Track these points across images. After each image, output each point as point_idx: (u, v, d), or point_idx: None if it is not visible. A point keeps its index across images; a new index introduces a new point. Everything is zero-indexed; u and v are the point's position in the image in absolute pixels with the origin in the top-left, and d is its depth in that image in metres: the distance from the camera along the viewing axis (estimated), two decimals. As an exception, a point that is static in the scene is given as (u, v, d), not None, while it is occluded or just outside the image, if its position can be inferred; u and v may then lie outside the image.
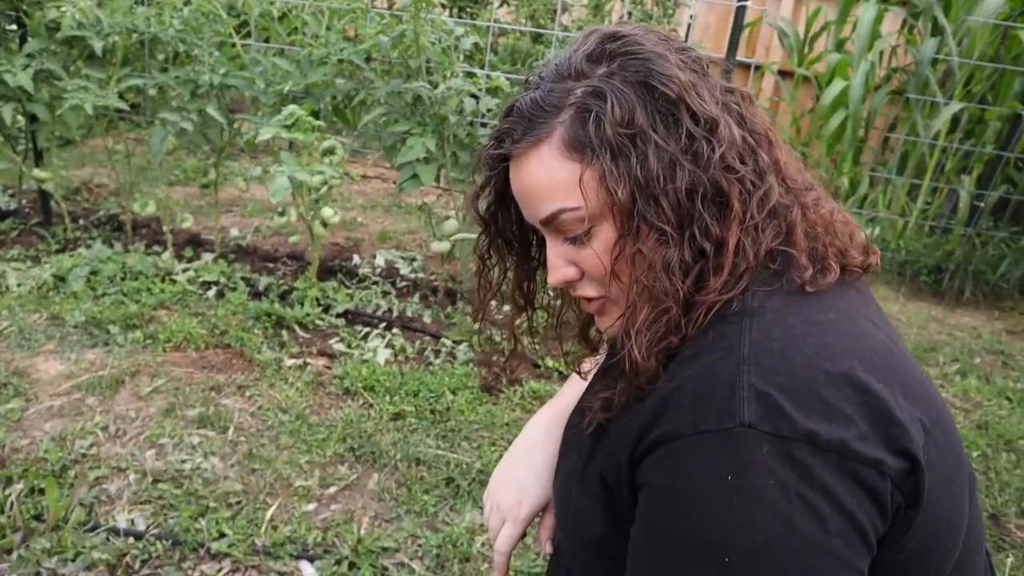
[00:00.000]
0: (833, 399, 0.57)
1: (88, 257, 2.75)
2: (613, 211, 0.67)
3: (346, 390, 2.18)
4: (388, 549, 1.62)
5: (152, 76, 2.82)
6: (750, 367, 0.59)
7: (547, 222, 0.70)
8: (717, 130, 0.66)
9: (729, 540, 0.56)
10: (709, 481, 0.57)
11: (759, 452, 0.55)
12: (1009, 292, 3.71)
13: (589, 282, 0.74)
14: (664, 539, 0.60)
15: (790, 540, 0.55)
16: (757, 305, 0.64)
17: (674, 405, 0.61)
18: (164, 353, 2.27)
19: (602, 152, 0.66)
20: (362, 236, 3.56)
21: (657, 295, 0.66)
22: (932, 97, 3.85)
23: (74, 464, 1.77)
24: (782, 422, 0.56)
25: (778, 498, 0.55)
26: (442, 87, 2.37)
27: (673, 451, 0.59)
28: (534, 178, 0.69)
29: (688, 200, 0.65)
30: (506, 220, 0.80)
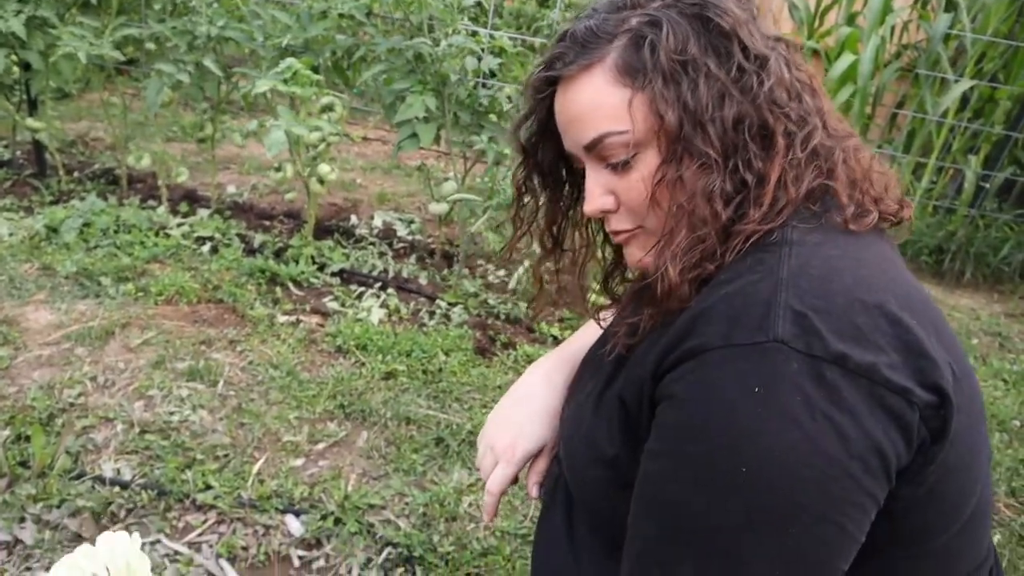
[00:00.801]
0: (866, 327, 0.58)
1: (82, 209, 2.71)
2: (660, 136, 0.68)
3: (338, 348, 2.16)
4: (375, 506, 1.62)
5: (148, 26, 2.77)
6: (788, 288, 0.59)
7: (591, 146, 0.70)
8: (767, 66, 0.68)
9: (749, 450, 0.56)
10: (736, 392, 0.57)
11: (788, 368, 0.56)
12: (1010, 275, 3.68)
13: (625, 213, 0.74)
14: (683, 448, 0.60)
15: (811, 457, 0.55)
16: (797, 238, 0.65)
17: (705, 321, 0.61)
18: (155, 306, 2.25)
19: (654, 77, 0.66)
20: (361, 197, 3.53)
21: (695, 221, 0.67)
22: (942, 74, 3.79)
23: (61, 413, 1.76)
24: (815, 342, 0.56)
25: (803, 415, 0.55)
26: (444, 44, 2.32)
27: (701, 363, 0.59)
28: (582, 101, 0.70)
29: (734, 130, 0.66)
30: (546, 152, 0.81)
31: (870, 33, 3.89)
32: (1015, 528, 1.84)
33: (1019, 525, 1.86)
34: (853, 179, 0.70)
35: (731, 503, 0.57)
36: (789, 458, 0.55)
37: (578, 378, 0.91)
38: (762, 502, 0.56)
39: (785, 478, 0.55)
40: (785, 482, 0.55)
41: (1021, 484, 2.02)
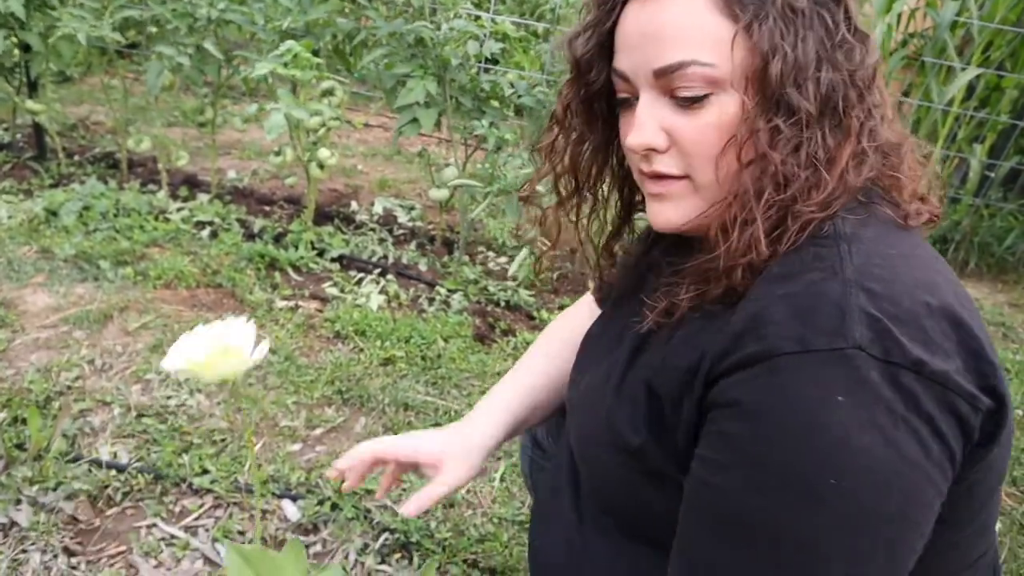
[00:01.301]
0: (934, 331, 0.56)
1: (81, 192, 2.70)
2: (753, 81, 0.62)
3: (337, 334, 2.15)
4: (372, 492, 1.61)
5: (148, 7, 2.74)
6: (857, 290, 0.57)
7: (665, 72, 0.63)
8: (867, 43, 0.64)
9: (837, 460, 0.54)
10: (819, 401, 0.54)
11: (869, 375, 0.54)
12: (1014, 265, 3.66)
13: (676, 157, 0.67)
14: (761, 460, 0.57)
15: (898, 465, 0.54)
16: (851, 231, 0.62)
17: (771, 322, 0.57)
18: (154, 290, 2.24)
19: (767, 16, 0.61)
20: (361, 183, 3.51)
21: (764, 182, 0.62)
22: (949, 62, 3.76)
23: (58, 396, 1.75)
24: (892, 348, 0.54)
25: (887, 422, 0.54)
26: (445, 28, 2.30)
27: (773, 369, 0.56)
28: (672, 18, 0.62)
29: (826, 98, 0.62)
30: (599, 73, 0.72)
31: (876, 21, 3.85)
32: (1016, 517, 1.84)
33: (1020, 514, 1.85)
34: (907, 176, 0.68)
35: (820, 515, 0.55)
36: (877, 467, 0.54)
37: (584, 357, 0.87)
38: (851, 512, 0.55)
39: (874, 487, 0.54)
40: (874, 491, 0.54)
41: (1022, 473, 2.01)
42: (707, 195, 0.67)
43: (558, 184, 0.82)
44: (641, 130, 0.66)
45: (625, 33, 0.66)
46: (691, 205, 0.68)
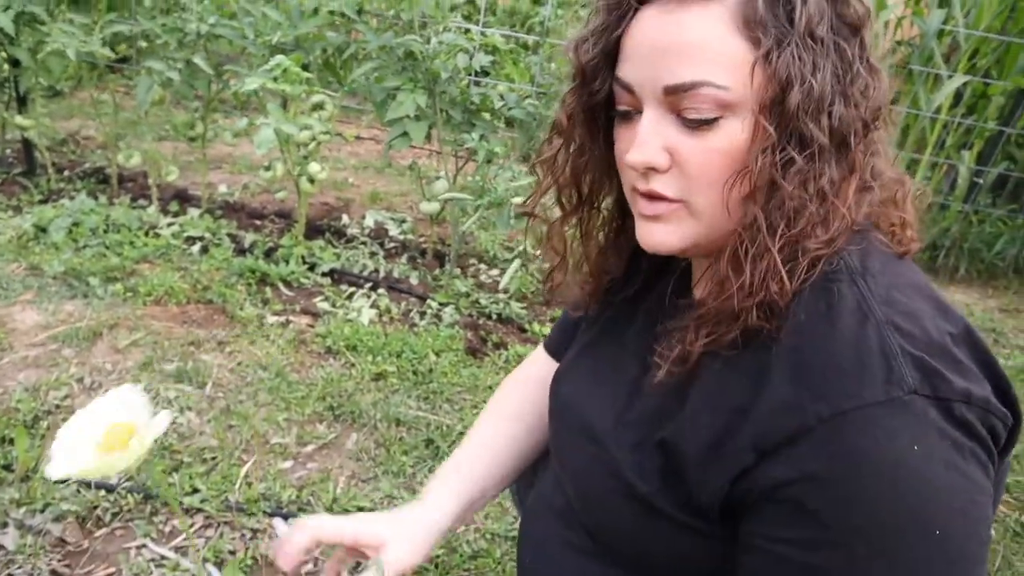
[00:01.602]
0: (963, 357, 0.58)
1: (71, 208, 2.69)
2: (770, 109, 0.59)
3: (328, 349, 2.14)
4: (364, 509, 1.60)
5: (138, 23, 2.74)
6: (893, 331, 0.57)
7: (677, 90, 0.60)
8: (879, 78, 0.62)
9: (934, 509, 0.54)
10: (895, 454, 0.54)
11: (929, 416, 0.54)
12: (1004, 271, 3.68)
13: (675, 178, 0.64)
14: (860, 528, 0.55)
15: (976, 495, 0.55)
16: (858, 264, 0.62)
17: (821, 380, 0.56)
18: (144, 307, 2.23)
19: (790, 42, 0.58)
20: (353, 196, 3.51)
21: (773, 214, 0.60)
22: (936, 70, 3.78)
23: (47, 415, 1.74)
24: (940, 384, 0.55)
25: (958, 458, 0.55)
26: (434, 41, 2.31)
27: (839, 430, 0.55)
28: (689, 34, 0.59)
29: (840, 131, 0.60)
30: (605, 82, 0.68)
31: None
32: (1009, 524, 1.84)
33: (1013, 521, 1.85)
34: (897, 208, 0.68)
35: (934, 566, 0.55)
36: (966, 503, 0.55)
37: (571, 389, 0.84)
38: (957, 552, 0.55)
39: (970, 523, 0.55)
40: (970, 526, 0.55)
41: (1015, 480, 2.01)
42: (704, 221, 0.64)
43: (560, 197, 0.78)
44: (643, 147, 0.63)
45: (636, 43, 0.63)
46: (687, 229, 0.66)
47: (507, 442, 0.96)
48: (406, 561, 0.82)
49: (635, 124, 0.65)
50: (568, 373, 0.87)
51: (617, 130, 0.69)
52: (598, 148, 0.74)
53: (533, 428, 0.97)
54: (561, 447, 0.85)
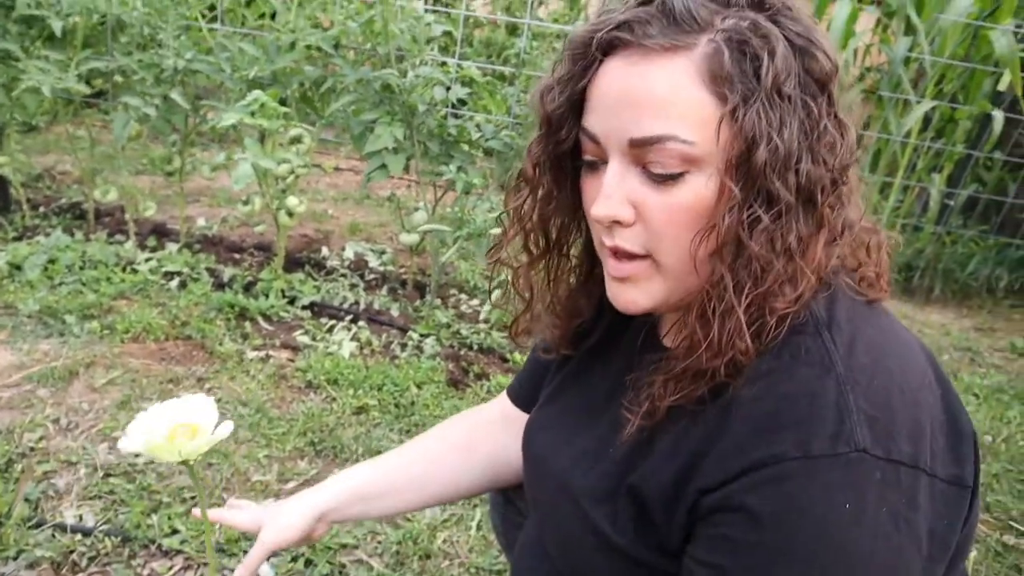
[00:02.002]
0: (922, 418, 0.57)
1: (46, 245, 2.67)
2: (735, 166, 0.58)
3: (309, 383, 2.13)
4: (347, 546, 1.58)
5: (115, 59, 2.74)
6: (852, 387, 0.56)
7: (642, 143, 0.59)
8: (847, 134, 0.61)
9: (842, 569, 0.54)
10: (825, 508, 0.54)
11: (872, 478, 0.54)
12: (977, 290, 3.74)
13: (639, 234, 0.63)
14: (767, 568, 0.56)
15: (900, 566, 0.55)
16: (826, 315, 0.61)
17: (774, 427, 0.57)
18: (122, 344, 2.21)
19: (754, 102, 0.57)
20: (332, 228, 3.51)
21: (739, 272, 0.59)
22: (904, 95, 3.87)
23: (21, 458, 1.71)
24: (892, 446, 0.55)
25: (891, 527, 0.54)
26: (411, 75, 2.33)
27: (779, 476, 0.55)
28: (655, 88, 0.58)
29: (807, 188, 0.59)
30: (567, 133, 0.67)
31: (833, 57, 3.96)
32: (991, 544, 1.85)
33: (994, 541, 1.86)
34: (865, 255, 0.68)
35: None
36: (883, 572, 0.55)
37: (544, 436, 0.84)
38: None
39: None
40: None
41: (996, 500, 2.03)
42: (671, 277, 0.64)
43: (528, 243, 0.77)
44: (607, 201, 0.62)
45: (602, 94, 0.62)
46: (656, 288, 0.65)
47: (438, 465, 0.97)
48: (275, 538, 0.89)
49: (601, 175, 0.64)
50: (540, 422, 0.87)
51: (583, 180, 0.69)
52: (566, 195, 0.73)
53: (476, 465, 0.98)
54: (538, 498, 0.84)
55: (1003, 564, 1.79)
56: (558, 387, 0.87)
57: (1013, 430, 2.41)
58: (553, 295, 0.81)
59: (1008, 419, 2.48)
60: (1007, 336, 3.33)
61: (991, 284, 3.75)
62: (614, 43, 0.61)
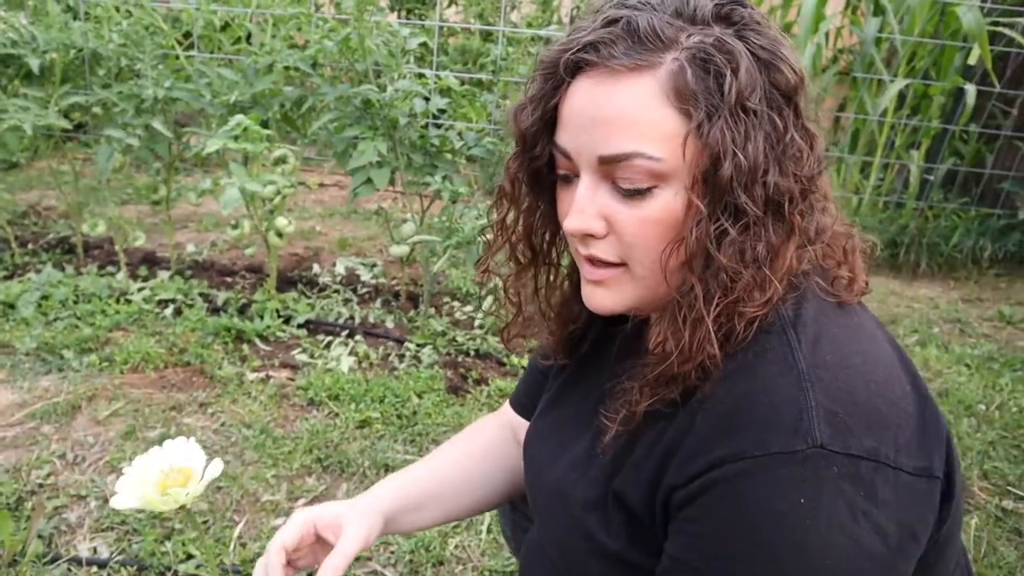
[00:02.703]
0: (886, 410, 0.58)
1: (38, 282, 2.67)
2: (701, 181, 0.60)
3: (310, 401, 2.15)
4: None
5: (94, 92, 2.76)
6: (812, 384, 0.58)
7: (610, 160, 0.61)
8: (815, 144, 0.63)
9: (802, 563, 0.56)
10: (781, 504, 0.56)
11: (829, 472, 0.55)
12: (962, 262, 3.79)
13: (614, 244, 0.65)
14: (726, 564, 0.58)
15: (858, 560, 0.55)
16: (793, 313, 0.63)
17: (734, 425, 0.58)
18: (122, 375, 2.22)
19: (718, 118, 0.58)
20: (321, 245, 3.52)
21: (708, 280, 0.61)
22: (878, 75, 3.92)
23: (30, 495, 1.72)
24: (850, 440, 0.56)
25: (848, 519, 0.55)
26: (390, 89, 2.35)
27: (738, 473, 0.57)
28: (622, 106, 0.60)
29: (775, 200, 0.60)
30: (542, 149, 0.69)
31: (806, 41, 4.01)
32: (990, 510, 1.89)
33: (994, 507, 1.90)
34: (841, 257, 0.69)
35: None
36: (840, 565, 0.55)
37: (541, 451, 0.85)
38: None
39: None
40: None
41: (993, 467, 2.07)
42: (644, 284, 0.66)
43: (515, 253, 0.79)
44: (580, 215, 0.64)
45: (573, 112, 0.64)
46: (628, 292, 0.67)
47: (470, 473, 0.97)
48: (360, 538, 0.83)
49: (574, 188, 0.66)
50: (538, 432, 0.88)
51: (559, 192, 0.71)
52: (547, 207, 0.75)
53: (499, 472, 0.98)
54: (538, 507, 0.86)
55: (1003, 529, 1.83)
56: (554, 397, 0.89)
57: (1006, 397, 2.46)
58: (546, 302, 0.83)
59: (1000, 386, 2.53)
60: (994, 305, 3.38)
61: (975, 255, 3.80)
62: (580, 64, 0.62)
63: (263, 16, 2.92)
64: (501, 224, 0.78)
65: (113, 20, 2.75)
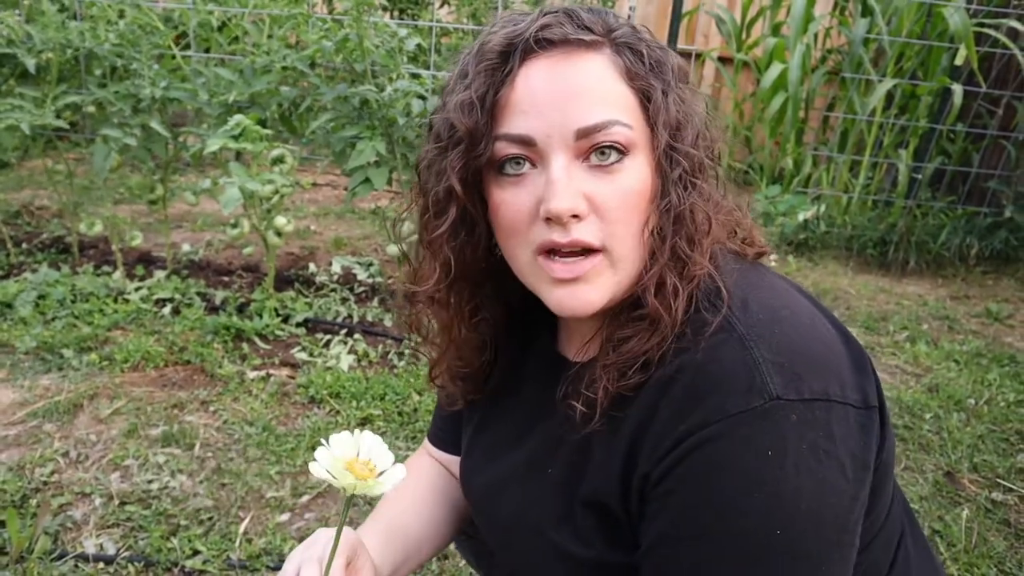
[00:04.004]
0: (824, 352, 0.62)
1: (35, 281, 2.68)
2: (653, 148, 0.66)
3: (311, 398, 2.16)
4: None
5: (90, 92, 2.76)
6: (755, 343, 0.61)
7: (591, 131, 0.62)
8: (694, 115, 0.70)
9: (778, 512, 0.58)
10: (750, 460, 0.58)
11: (789, 421, 0.58)
12: (950, 260, 3.85)
13: (595, 224, 0.64)
14: (711, 525, 0.60)
15: (828, 497, 0.59)
16: (715, 288, 0.66)
17: (692, 398, 0.61)
18: (122, 374, 2.23)
19: (655, 87, 0.65)
20: (317, 244, 3.54)
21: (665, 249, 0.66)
22: (866, 75, 3.97)
23: (35, 493, 1.73)
24: (802, 386, 0.59)
25: (812, 461, 0.58)
26: (389, 89, 2.37)
27: (705, 439, 0.59)
28: (590, 80, 0.63)
29: (699, 165, 0.68)
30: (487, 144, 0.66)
31: (795, 42, 4.06)
32: (980, 502, 1.93)
33: (984, 499, 1.94)
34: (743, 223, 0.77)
35: (777, 564, 0.59)
36: (813, 506, 0.58)
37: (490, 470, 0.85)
38: (801, 551, 0.59)
39: (814, 524, 0.59)
40: (815, 528, 0.59)
41: (982, 460, 2.11)
42: (621, 269, 0.66)
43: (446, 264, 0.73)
44: (565, 193, 0.62)
45: (531, 95, 0.63)
46: (608, 282, 0.66)
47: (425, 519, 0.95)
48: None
49: (527, 180, 0.66)
50: (473, 469, 0.88)
51: (501, 194, 0.67)
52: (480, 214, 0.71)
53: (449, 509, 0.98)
54: (498, 542, 0.86)
55: (993, 520, 1.87)
56: (476, 431, 0.89)
57: (994, 392, 2.50)
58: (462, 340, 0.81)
59: (988, 382, 2.57)
60: (981, 302, 3.44)
61: (963, 253, 3.85)
62: (532, 48, 0.64)
63: (259, 16, 2.92)
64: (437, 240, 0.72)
65: (109, 20, 2.75)
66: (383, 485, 0.63)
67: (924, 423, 2.29)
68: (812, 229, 3.95)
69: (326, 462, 0.64)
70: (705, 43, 5.14)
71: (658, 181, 0.66)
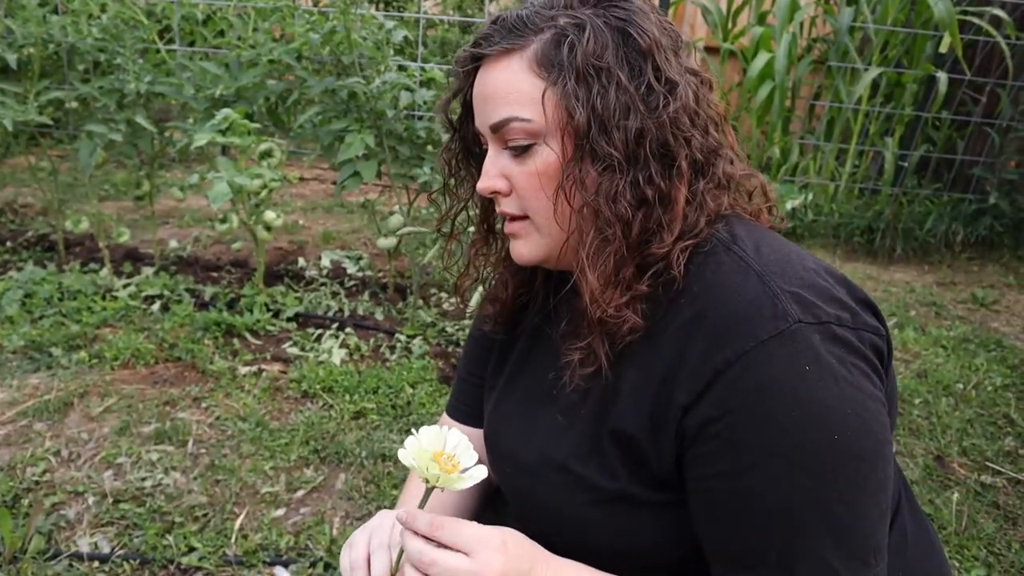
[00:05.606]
0: (831, 286, 0.69)
1: (20, 280, 2.65)
2: (566, 132, 0.72)
3: (304, 393, 2.16)
4: None
5: (73, 87, 2.73)
6: (771, 277, 0.67)
7: (496, 128, 0.74)
8: (675, 91, 0.71)
9: (830, 419, 0.63)
10: (793, 377, 0.63)
11: (814, 339, 0.64)
12: (936, 247, 3.88)
13: (516, 199, 0.77)
14: (775, 449, 0.64)
15: (866, 401, 0.64)
16: (727, 235, 0.73)
17: (723, 330, 0.66)
18: (112, 371, 2.21)
19: (568, 75, 0.70)
20: (305, 239, 3.52)
21: (600, 224, 0.71)
22: (852, 64, 3.99)
23: (27, 492, 1.72)
24: (818, 311, 0.65)
25: (844, 371, 0.64)
26: (377, 82, 2.36)
27: (744, 367, 0.64)
28: (497, 83, 0.74)
29: (636, 143, 0.70)
30: (469, 128, 0.82)
31: (781, 31, 4.07)
32: (970, 485, 1.95)
33: (973, 482, 1.96)
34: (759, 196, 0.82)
35: (840, 468, 0.63)
36: (857, 409, 0.64)
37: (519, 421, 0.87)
38: (857, 453, 0.64)
39: (863, 425, 0.64)
40: (864, 428, 0.64)
41: (971, 444, 2.13)
42: (548, 233, 0.76)
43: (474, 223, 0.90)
44: (485, 177, 0.77)
45: (475, 96, 0.77)
46: (537, 242, 0.78)
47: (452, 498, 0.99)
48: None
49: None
50: (502, 415, 0.90)
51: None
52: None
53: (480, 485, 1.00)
54: (519, 491, 0.87)
55: (982, 503, 1.89)
56: (507, 381, 0.93)
57: (981, 377, 2.53)
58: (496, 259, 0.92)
59: (976, 367, 2.60)
60: (967, 288, 3.47)
61: (949, 239, 3.89)
62: (475, 56, 0.76)
63: (244, 9, 2.90)
64: (450, 193, 0.89)
65: (91, 14, 2.71)
66: (466, 481, 0.69)
67: (914, 408, 2.31)
68: (800, 217, 3.97)
69: (414, 451, 0.68)
70: (691, 33, 5.15)
71: (564, 163, 0.72)
